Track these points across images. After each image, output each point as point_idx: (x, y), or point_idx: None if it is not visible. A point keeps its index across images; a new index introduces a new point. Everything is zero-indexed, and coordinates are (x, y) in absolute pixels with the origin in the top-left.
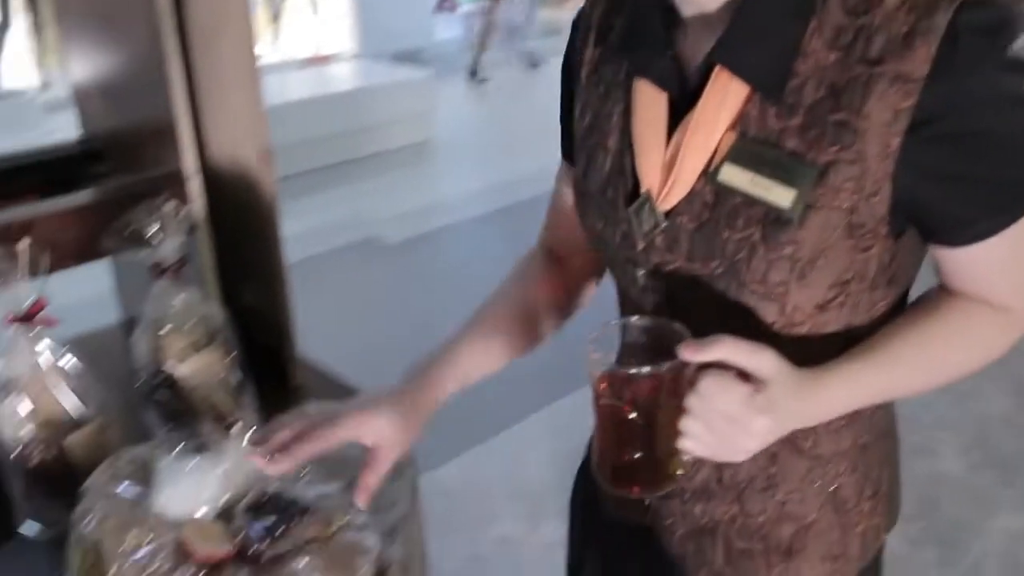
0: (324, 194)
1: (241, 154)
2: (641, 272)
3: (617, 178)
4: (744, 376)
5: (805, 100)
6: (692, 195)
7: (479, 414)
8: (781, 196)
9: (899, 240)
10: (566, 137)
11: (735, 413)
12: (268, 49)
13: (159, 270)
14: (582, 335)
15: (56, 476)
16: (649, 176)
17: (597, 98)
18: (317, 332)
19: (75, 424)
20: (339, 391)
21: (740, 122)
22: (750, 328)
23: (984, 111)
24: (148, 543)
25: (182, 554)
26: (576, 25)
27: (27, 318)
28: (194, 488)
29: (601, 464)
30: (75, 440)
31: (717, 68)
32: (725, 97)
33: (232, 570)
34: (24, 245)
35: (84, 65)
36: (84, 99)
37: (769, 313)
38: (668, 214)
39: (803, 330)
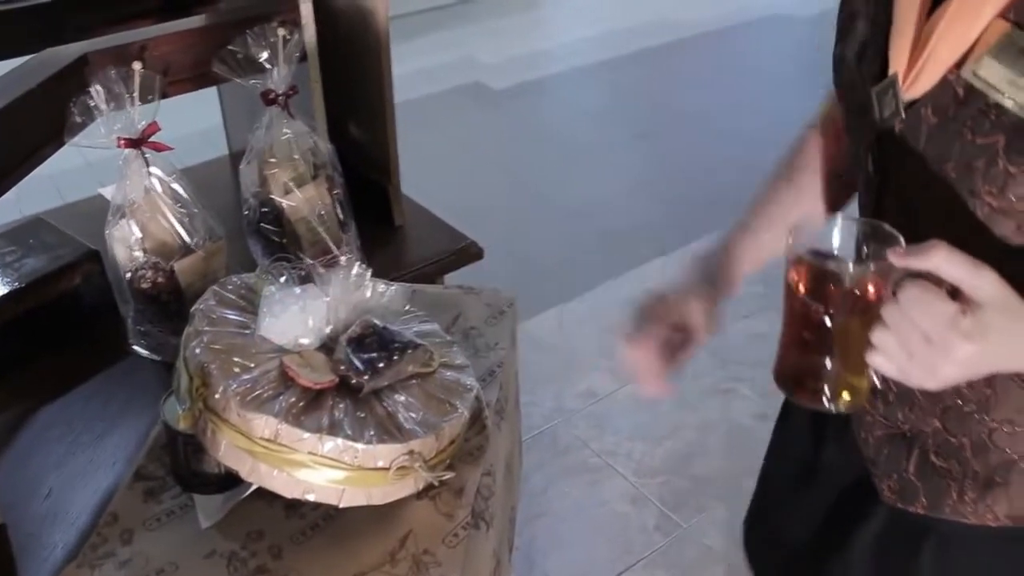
0: (432, 36)
1: None
2: (872, 160)
3: (872, 50)
4: (956, 294)
5: None
6: (942, 86)
7: (575, 268)
8: None
9: None
10: None
11: (935, 333)
12: None
13: (269, 98)
14: (686, 197)
15: (165, 299)
16: (898, 57)
17: None
18: (419, 173)
19: (184, 250)
20: (440, 231)
21: (1014, 9)
22: (981, 242)
23: None
24: (253, 368)
25: (285, 381)
26: None
27: (140, 141)
28: (298, 317)
29: (781, 363)
30: (184, 265)
31: None
32: None
33: (333, 400)
34: (138, 67)
35: None
36: None
37: (1006, 229)
38: (913, 104)
39: None
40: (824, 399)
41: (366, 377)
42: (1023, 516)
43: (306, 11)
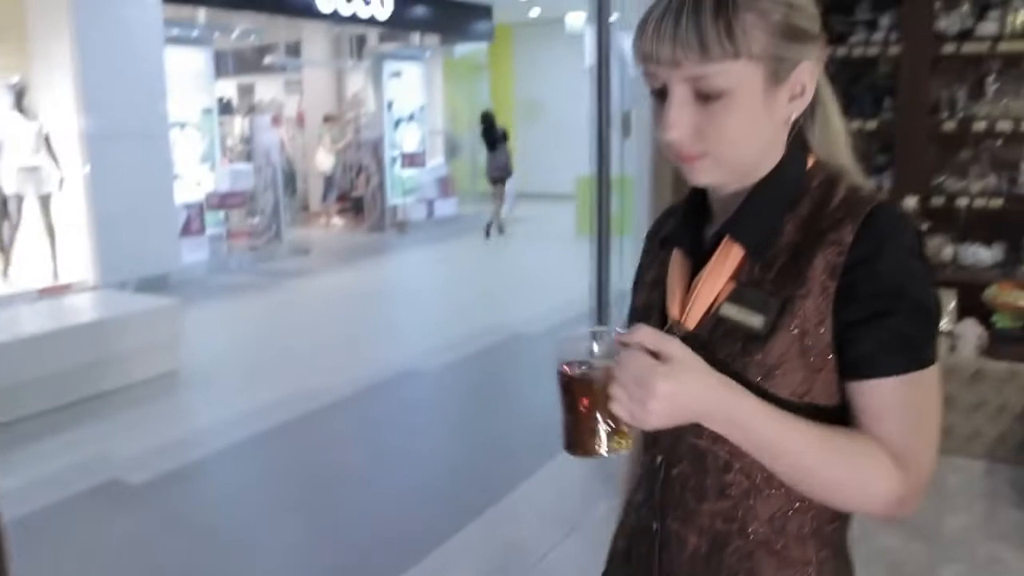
0: (61, 436)
1: None
2: None
3: (651, 313)
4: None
5: (778, 261)
6: (701, 324)
7: None
8: (755, 321)
9: None
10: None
11: (642, 376)
12: None
13: None
14: (344, 565)
15: None
16: (674, 308)
17: (648, 272)
18: None
19: None
20: None
21: (737, 274)
22: None
23: (889, 274)
24: None
25: None
26: (648, 237)
27: None
28: None
29: (568, 436)
30: None
31: (725, 238)
32: (727, 258)
33: None
34: None
35: None
36: None
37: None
38: (684, 337)
39: None
40: (601, 450)
41: None
42: None
43: None
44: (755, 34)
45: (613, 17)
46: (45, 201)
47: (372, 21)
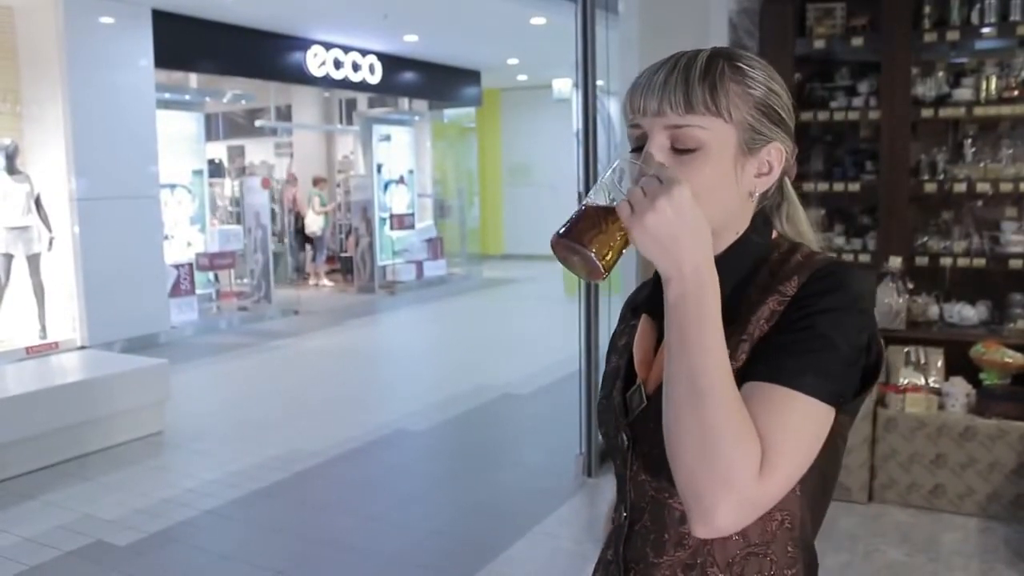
0: (46, 496)
1: None
2: (625, 435)
3: (619, 375)
4: None
5: (736, 321)
6: (659, 388)
7: None
8: None
9: None
10: None
11: (671, 178)
12: None
13: None
14: None
15: None
16: (641, 372)
17: (621, 338)
18: None
19: None
20: None
21: None
22: None
23: (821, 314)
24: None
25: None
26: (625, 305)
27: None
28: None
29: (566, 224)
30: None
31: None
32: None
33: None
34: None
35: None
36: None
37: None
38: (649, 397)
39: None
40: (587, 246)
41: None
42: None
43: None
44: (736, 101)
45: (599, 83)
46: (34, 261)
47: (363, 86)
